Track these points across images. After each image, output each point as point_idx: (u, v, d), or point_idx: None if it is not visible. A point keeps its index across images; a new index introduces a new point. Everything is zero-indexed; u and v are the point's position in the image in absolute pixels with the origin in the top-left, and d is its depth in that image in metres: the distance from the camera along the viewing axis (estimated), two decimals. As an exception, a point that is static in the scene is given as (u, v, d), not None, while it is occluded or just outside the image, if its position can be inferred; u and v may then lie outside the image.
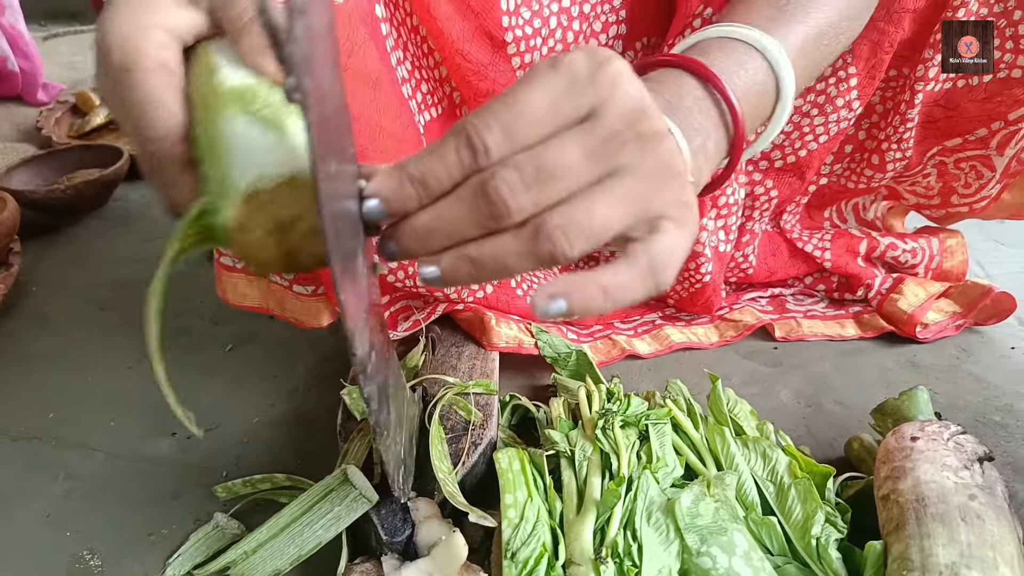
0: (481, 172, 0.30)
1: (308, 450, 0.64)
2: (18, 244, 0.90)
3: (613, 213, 0.30)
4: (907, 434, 0.52)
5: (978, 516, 0.44)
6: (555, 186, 0.29)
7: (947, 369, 0.73)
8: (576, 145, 0.30)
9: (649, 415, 0.55)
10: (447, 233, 0.30)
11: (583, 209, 0.30)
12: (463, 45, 0.56)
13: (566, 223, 0.29)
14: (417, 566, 0.47)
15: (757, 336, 0.79)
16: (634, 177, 0.31)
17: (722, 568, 0.44)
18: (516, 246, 0.30)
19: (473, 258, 0.30)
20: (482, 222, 0.30)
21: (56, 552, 0.55)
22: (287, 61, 0.22)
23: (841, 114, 0.65)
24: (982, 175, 0.72)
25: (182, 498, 0.60)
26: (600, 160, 0.30)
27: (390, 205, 0.30)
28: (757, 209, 0.75)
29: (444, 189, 0.30)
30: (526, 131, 0.30)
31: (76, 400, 0.71)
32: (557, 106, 0.30)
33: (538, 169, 0.29)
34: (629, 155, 0.31)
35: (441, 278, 0.31)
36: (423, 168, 0.30)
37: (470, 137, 0.29)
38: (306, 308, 0.66)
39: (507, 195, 0.29)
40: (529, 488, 0.50)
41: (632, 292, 0.31)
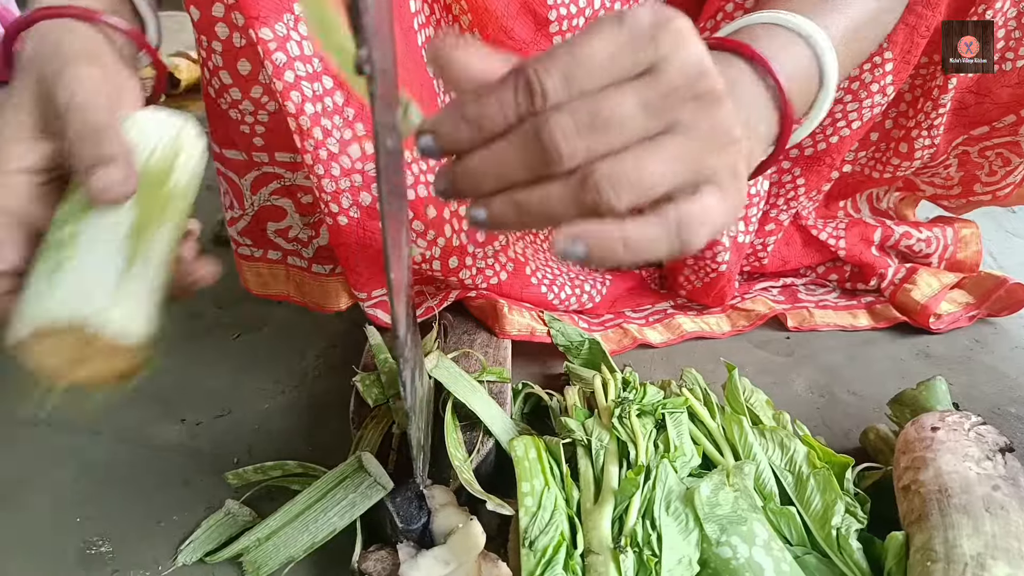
0: (536, 116, 0.29)
1: (319, 437, 0.64)
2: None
3: (663, 169, 0.30)
4: (927, 424, 0.51)
5: (1002, 507, 0.43)
6: (609, 136, 0.29)
7: (961, 360, 0.73)
8: (634, 97, 0.29)
9: (666, 404, 0.55)
10: (498, 175, 0.30)
11: (633, 163, 0.29)
12: (507, 22, 0.56)
13: (614, 174, 0.29)
14: (433, 554, 0.47)
15: (769, 326, 0.78)
16: (688, 136, 0.30)
17: (742, 558, 0.44)
18: (563, 193, 0.29)
19: (521, 204, 0.30)
20: (533, 166, 0.29)
21: (66, 538, 0.55)
22: (362, 31, 0.22)
23: (875, 99, 0.64)
24: (1009, 161, 0.71)
25: (192, 485, 0.59)
26: (656, 115, 0.30)
27: (443, 142, 0.30)
28: (782, 197, 0.74)
29: (498, 130, 0.30)
30: (585, 78, 0.29)
31: (83, 386, 0.71)
32: (618, 57, 0.29)
33: (593, 116, 0.28)
34: (686, 113, 0.30)
35: (488, 221, 0.31)
36: (480, 109, 0.29)
37: (529, 79, 0.29)
38: (324, 290, 0.65)
39: (560, 140, 0.28)
40: (546, 476, 0.50)
41: (655, 246, 0.30)
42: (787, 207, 0.75)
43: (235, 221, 0.62)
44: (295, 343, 0.76)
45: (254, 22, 0.47)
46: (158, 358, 0.73)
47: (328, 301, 0.66)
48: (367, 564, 0.49)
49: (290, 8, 0.48)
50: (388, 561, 0.49)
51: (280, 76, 0.48)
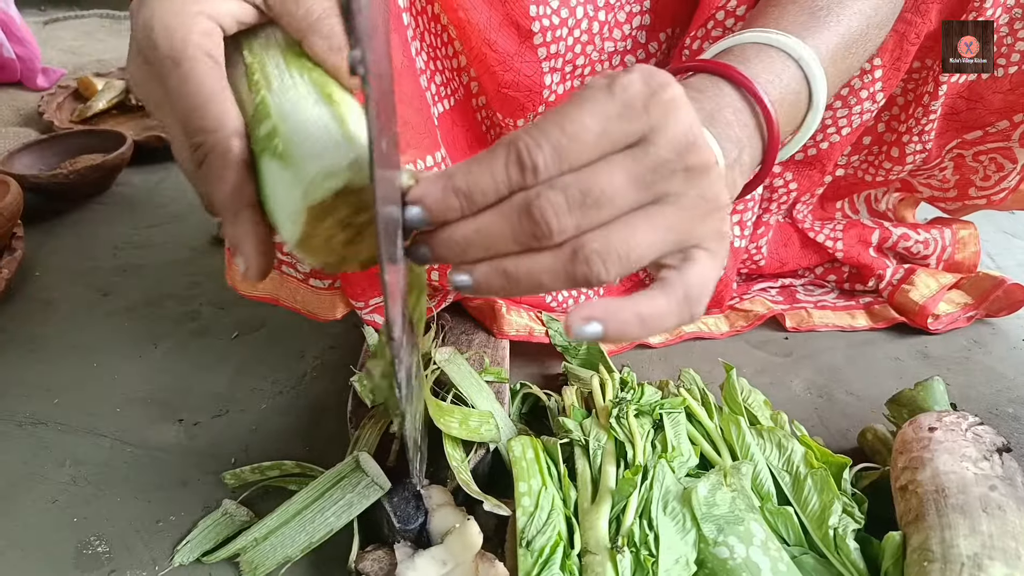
0: (526, 190, 0.29)
1: (316, 437, 0.64)
2: (21, 229, 0.89)
3: (651, 241, 0.30)
4: (925, 424, 0.51)
5: (999, 507, 0.43)
6: (599, 211, 0.29)
7: (959, 361, 0.73)
8: (624, 171, 0.30)
9: (663, 404, 0.55)
10: (484, 246, 0.30)
11: (622, 236, 0.30)
12: (490, 34, 0.56)
13: (604, 248, 0.29)
14: (431, 554, 0.47)
15: (767, 326, 0.78)
16: (677, 207, 0.31)
17: (739, 558, 0.44)
18: (552, 265, 0.30)
19: (508, 272, 0.30)
20: (522, 240, 0.29)
21: (63, 538, 0.55)
22: (355, 32, 0.22)
23: (864, 106, 0.64)
24: (1002, 167, 0.71)
25: (190, 485, 0.59)
26: (646, 188, 0.30)
27: (432, 214, 0.30)
28: (775, 202, 0.74)
29: (488, 203, 0.30)
30: (576, 153, 0.29)
31: (81, 386, 0.71)
32: (609, 130, 0.29)
33: (584, 193, 0.29)
34: (676, 185, 0.30)
35: (473, 287, 0.31)
36: (470, 181, 0.29)
37: (520, 154, 0.29)
38: (320, 301, 0.65)
39: (551, 217, 0.29)
40: (543, 477, 0.50)
41: (667, 321, 0.31)
42: (778, 210, 0.75)
43: None
44: (293, 344, 0.76)
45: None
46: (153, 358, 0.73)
47: (324, 312, 0.66)
48: (364, 564, 0.49)
49: None
50: (385, 561, 0.49)
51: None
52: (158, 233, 1.00)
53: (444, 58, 0.60)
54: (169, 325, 0.80)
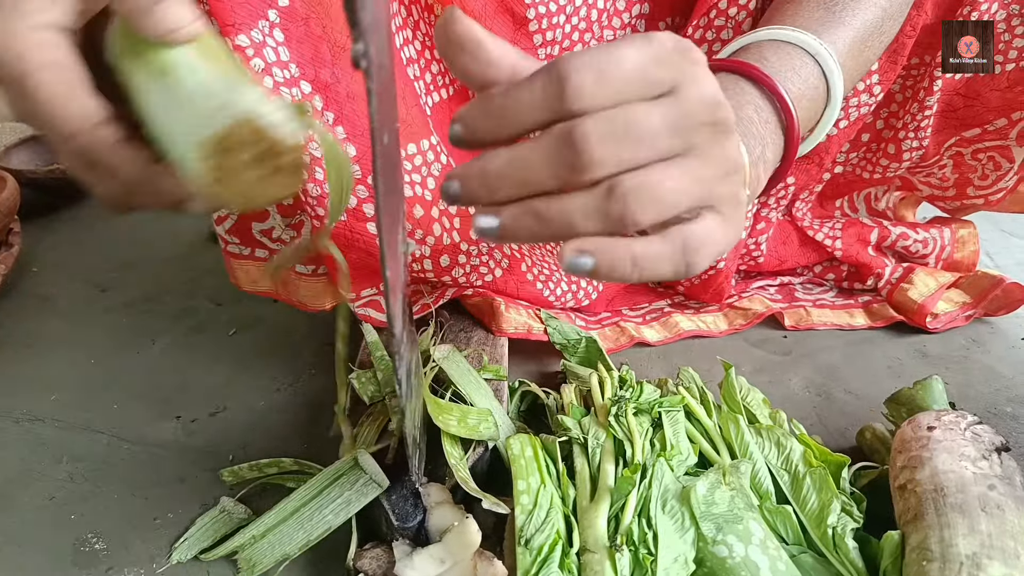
0: (568, 119, 0.28)
1: (314, 435, 0.64)
2: (18, 225, 0.89)
3: (683, 190, 0.30)
4: (923, 424, 0.51)
5: (998, 506, 0.43)
6: (638, 149, 0.29)
7: (957, 360, 0.73)
8: (661, 114, 0.29)
9: (662, 403, 0.54)
10: (519, 180, 0.29)
11: (658, 178, 0.29)
12: (485, 22, 0.55)
13: (641, 188, 0.29)
14: (429, 552, 0.47)
15: (766, 324, 0.78)
16: (703, 161, 0.30)
17: (738, 556, 0.44)
18: (586, 204, 0.29)
19: (539, 212, 0.29)
20: (560, 172, 0.29)
21: (61, 535, 0.55)
22: (359, 26, 0.21)
23: (862, 99, 0.64)
24: (1000, 166, 0.71)
25: (187, 482, 0.59)
26: (679, 135, 0.30)
27: (467, 133, 0.29)
28: (773, 197, 0.74)
29: (525, 128, 0.29)
30: (618, 84, 0.28)
31: (79, 382, 0.71)
32: (648, 71, 0.29)
33: (627, 127, 0.28)
34: (703, 138, 0.30)
35: (499, 231, 0.30)
36: (508, 100, 0.28)
37: (562, 75, 0.28)
38: (308, 289, 0.65)
39: (595, 144, 0.28)
40: (542, 475, 0.49)
41: (661, 266, 0.31)
42: (777, 206, 0.75)
43: (222, 220, 0.62)
44: (291, 340, 0.76)
45: (229, 29, 0.46)
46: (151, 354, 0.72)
47: (314, 300, 0.65)
48: (362, 562, 0.49)
49: (265, 15, 0.47)
50: (383, 559, 0.49)
51: (259, 82, 0.48)
52: (156, 229, 1.00)
53: None
54: (167, 322, 0.80)
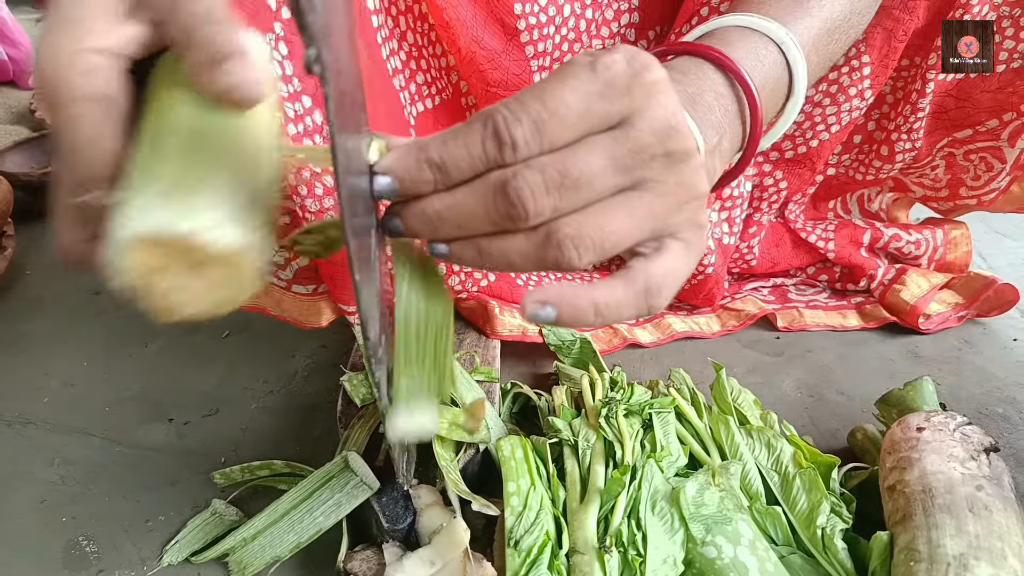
0: (503, 168, 0.28)
1: (306, 437, 0.64)
2: (11, 227, 0.89)
3: (627, 229, 0.30)
4: (913, 425, 0.51)
5: (986, 507, 0.43)
6: (577, 194, 0.29)
7: (949, 360, 0.73)
8: (604, 153, 0.29)
9: (653, 404, 0.55)
10: (457, 223, 0.29)
11: (598, 222, 0.29)
12: (477, 32, 0.56)
13: (577, 234, 0.29)
14: (419, 555, 0.47)
15: (759, 326, 0.78)
16: (655, 194, 0.30)
17: (727, 558, 0.44)
18: (524, 248, 0.29)
19: (481, 249, 0.30)
20: (496, 220, 0.29)
21: (52, 537, 0.54)
22: (307, 30, 0.21)
23: (853, 103, 0.64)
24: (992, 167, 0.71)
25: (179, 484, 0.59)
26: (625, 172, 0.29)
27: (404, 186, 0.29)
28: (765, 200, 0.74)
29: (463, 178, 0.29)
30: (556, 130, 0.28)
31: (71, 385, 0.71)
32: (590, 109, 0.28)
33: (563, 175, 0.28)
34: (655, 171, 0.30)
35: (449, 256, 0.31)
36: (444, 153, 0.28)
37: (498, 127, 0.28)
38: (305, 308, 0.64)
39: (527, 198, 0.28)
40: (532, 476, 0.49)
41: (623, 311, 0.31)
42: (769, 209, 0.75)
43: None
44: (284, 343, 0.76)
45: None
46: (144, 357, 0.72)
47: (309, 319, 0.64)
48: (353, 564, 0.49)
49: (271, 27, 0.47)
50: (374, 561, 0.49)
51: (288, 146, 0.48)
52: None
53: (431, 57, 0.60)
54: (159, 325, 0.79)
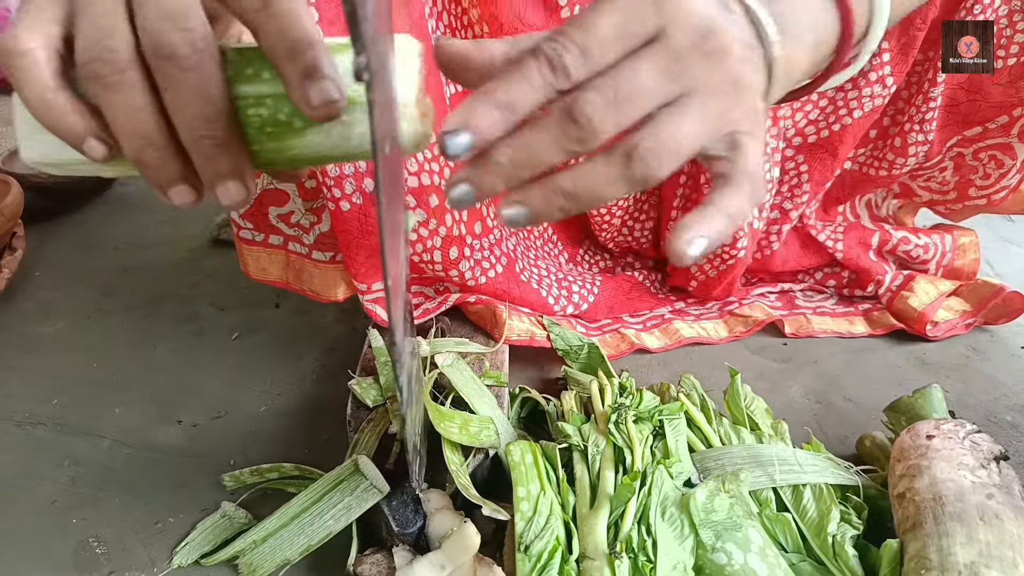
0: (562, 98, 0.30)
1: (316, 440, 0.64)
2: (21, 228, 0.89)
3: (696, 131, 0.31)
4: (922, 432, 0.51)
5: (996, 515, 0.43)
6: (634, 106, 0.30)
7: (957, 368, 0.73)
8: (648, 65, 0.30)
9: (662, 410, 0.55)
10: (532, 162, 0.30)
11: (668, 131, 0.30)
12: (519, 8, 0.57)
13: (655, 145, 0.30)
14: (429, 559, 0.47)
15: (766, 332, 0.78)
16: (707, 95, 0.31)
17: (737, 564, 0.44)
18: (609, 172, 0.31)
19: (567, 191, 0.31)
20: (569, 147, 0.30)
21: (62, 539, 0.55)
22: (360, 39, 0.22)
23: (874, 89, 0.65)
24: (1002, 164, 0.72)
25: (189, 487, 0.59)
26: (672, 79, 0.31)
27: (482, 136, 0.30)
28: (787, 184, 0.75)
29: (527, 112, 0.30)
30: (600, 51, 0.30)
31: (81, 386, 0.71)
32: (627, 27, 0.30)
33: (617, 90, 0.30)
34: (699, 72, 0.31)
35: (530, 216, 0.31)
36: (510, 92, 0.30)
37: (550, 58, 0.30)
38: (323, 277, 0.65)
39: (593, 116, 0.29)
40: (542, 481, 0.50)
41: (747, 212, 0.33)
42: (791, 195, 0.76)
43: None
44: (293, 346, 0.76)
45: None
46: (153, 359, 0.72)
47: (327, 290, 0.66)
48: (363, 568, 0.49)
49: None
50: (384, 565, 0.49)
51: None
52: (158, 234, 1.00)
53: (464, 31, 0.61)
54: (169, 326, 0.80)
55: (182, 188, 0.32)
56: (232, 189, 0.32)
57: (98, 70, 0.29)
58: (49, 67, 0.30)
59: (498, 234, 0.67)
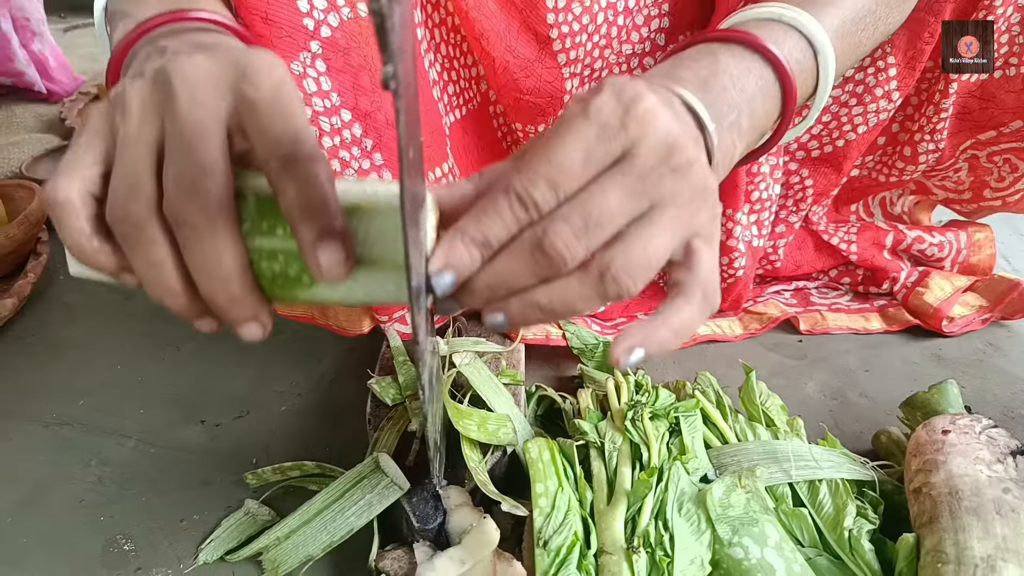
0: (533, 227, 0.31)
1: (336, 439, 0.65)
2: (46, 234, 0.91)
3: (664, 243, 0.32)
4: (938, 427, 0.51)
5: (1013, 509, 0.44)
6: (603, 230, 0.31)
7: (973, 363, 0.73)
8: (616, 188, 0.31)
9: (678, 407, 0.55)
10: (508, 287, 0.32)
11: (638, 248, 0.31)
12: (510, 41, 0.57)
13: (627, 264, 0.31)
14: (449, 554, 0.48)
15: (781, 329, 0.78)
16: (675, 206, 0.32)
17: (754, 559, 0.45)
18: (584, 290, 0.32)
19: (542, 305, 0.32)
20: (541, 273, 0.31)
21: (91, 536, 0.56)
22: (388, 48, 0.23)
23: (880, 104, 0.65)
24: (1017, 168, 0.71)
25: (213, 485, 0.60)
26: (640, 197, 0.32)
27: (463, 275, 0.32)
28: (791, 199, 0.74)
29: (501, 246, 0.32)
30: (567, 181, 0.31)
31: (106, 388, 0.72)
32: (592, 154, 0.31)
33: (585, 218, 0.31)
34: (667, 187, 0.32)
35: (508, 324, 0.33)
36: (484, 230, 0.31)
37: (519, 195, 0.31)
38: (348, 315, 0.66)
39: (562, 247, 0.31)
40: (560, 478, 0.50)
41: (696, 325, 0.34)
42: (796, 208, 0.76)
43: None
44: (313, 347, 0.77)
45: None
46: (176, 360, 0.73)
47: (353, 325, 0.67)
48: (384, 563, 0.50)
49: (307, 47, 0.49)
50: (405, 560, 0.50)
51: None
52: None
53: (462, 67, 0.61)
54: (190, 328, 0.81)
55: (204, 321, 0.35)
56: (250, 329, 0.34)
57: (121, 230, 0.31)
58: (84, 214, 0.32)
59: None
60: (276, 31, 0.47)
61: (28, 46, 1.46)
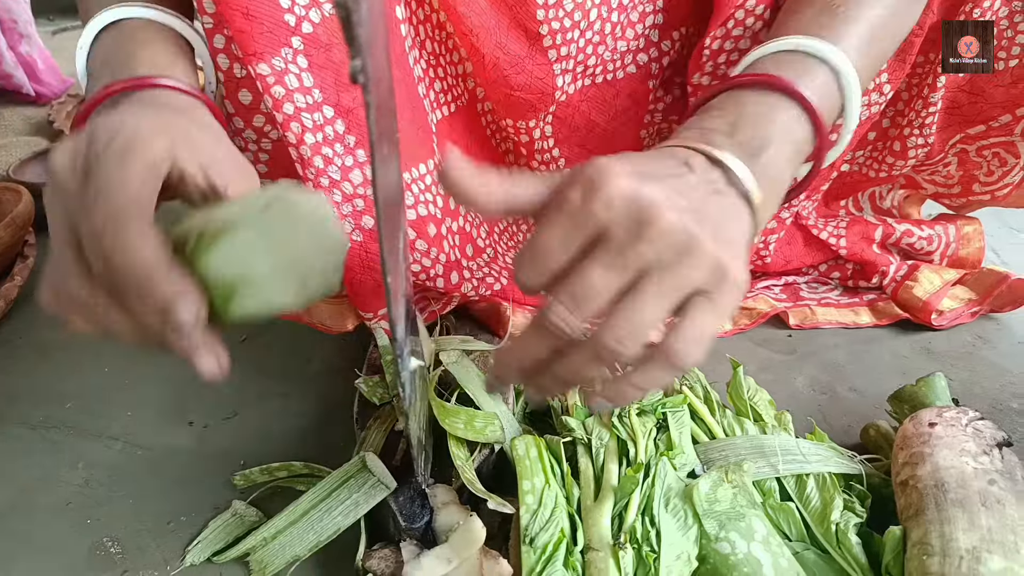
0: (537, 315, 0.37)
1: (324, 439, 0.65)
2: (33, 236, 0.91)
3: (654, 309, 0.34)
4: (925, 420, 0.51)
5: (998, 501, 0.44)
6: (592, 304, 0.34)
7: (963, 356, 0.73)
8: (595, 265, 0.34)
9: (666, 403, 0.55)
10: (532, 360, 0.38)
11: (626, 318, 0.34)
12: (500, 37, 0.57)
13: (617, 336, 0.34)
14: (436, 553, 0.48)
15: (771, 324, 0.78)
16: (659, 271, 0.34)
17: (741, 553, 0.45)
18: (586, 361, 0.36)
19: (559, 376, 0.38)
20: (553, 346, 0.37)
21: (77, 539, 0.56)
22: (355, 42, 0.23)
23: (872, 97, 0.65)
24: (1006, 162, 0.72)
25: (200, 486, 0.60)
26: (622, 269, 0.34)
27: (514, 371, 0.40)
28: None
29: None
30: (554, 266, 0.35)
31: (93, 390, 0.72)
32: (568, 241, 0.35)
33: (572, 296, 0.35)
34: (646, 255, 0.34)
35: (538, 395, 0.41)
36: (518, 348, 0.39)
37: (522, 283, 0.37)
38: (331, 312, 0.66)
39: (560, 323, 0.35)
40: (546, 475, 0.50)
41: (660, 383, 0.37)
42: (787, 205, 0.76)
43: None
44: (300, 347, 0.77)
45: (251, 58, 0.48)
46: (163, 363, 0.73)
47: (336, 323, 0.67)
48: (371, 562, 0.50)
49: (288, 42, 0.49)
50: (392, 559, 0.50)
51: (279, 108, 0.49)
52: (167, 239, 1.01)
53: (448, 64, 0.61)
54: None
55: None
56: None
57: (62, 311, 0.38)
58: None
59: (491, 252, 0.68)
60: (257, 27, 0.47)
61: (16, 48, 1.45)
